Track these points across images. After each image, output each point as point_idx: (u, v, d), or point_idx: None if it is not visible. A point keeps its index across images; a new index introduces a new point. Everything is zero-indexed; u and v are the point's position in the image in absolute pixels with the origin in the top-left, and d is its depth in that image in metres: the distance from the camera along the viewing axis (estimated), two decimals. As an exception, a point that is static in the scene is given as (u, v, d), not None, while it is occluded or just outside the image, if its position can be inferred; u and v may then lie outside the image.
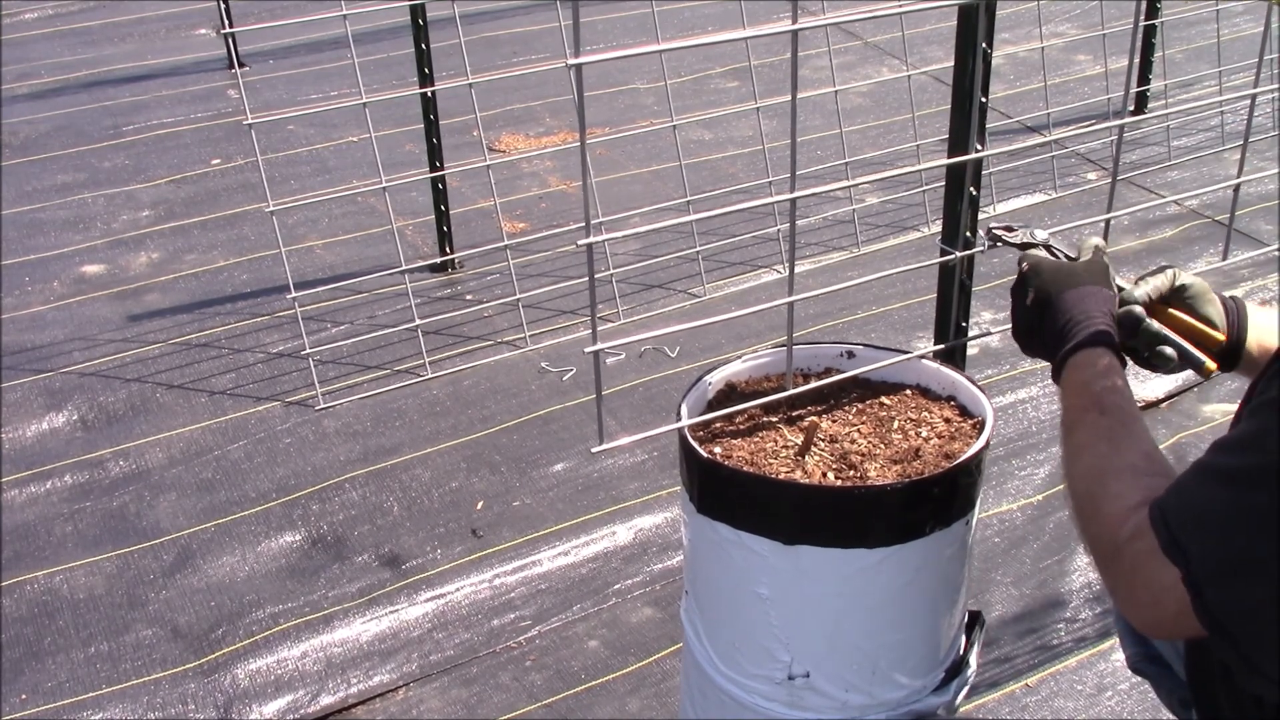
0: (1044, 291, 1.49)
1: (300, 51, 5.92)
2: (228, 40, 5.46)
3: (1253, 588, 1.05)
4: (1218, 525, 1.08)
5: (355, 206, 4.48)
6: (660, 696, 2.46)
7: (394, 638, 2.62)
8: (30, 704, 2.45)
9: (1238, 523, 1.06)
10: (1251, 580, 1.05)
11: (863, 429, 1.60)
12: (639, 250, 4.10)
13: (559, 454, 3.16)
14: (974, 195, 2.09)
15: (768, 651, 1.52)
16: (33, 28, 6.52)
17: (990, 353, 3.53)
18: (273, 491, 3.04)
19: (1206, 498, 1.10)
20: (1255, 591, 1.05)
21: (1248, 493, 1.06)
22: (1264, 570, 1.04)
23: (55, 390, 3.44)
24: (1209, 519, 1.09)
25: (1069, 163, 4.74)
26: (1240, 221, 4.17)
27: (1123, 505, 1.19)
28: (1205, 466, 1.12)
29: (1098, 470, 1.27)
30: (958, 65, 1.98)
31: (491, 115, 5.07)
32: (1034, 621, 2.62)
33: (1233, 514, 1.07)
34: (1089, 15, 5.97)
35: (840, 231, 4.25)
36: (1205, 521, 1.09)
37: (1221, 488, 1.09)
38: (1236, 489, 1.07)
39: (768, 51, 5.56)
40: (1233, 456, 1.10)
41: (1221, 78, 5.04)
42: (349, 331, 3.70)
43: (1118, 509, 1.20)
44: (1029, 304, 1.51)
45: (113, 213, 4.49)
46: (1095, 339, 1.40)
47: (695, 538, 1.58)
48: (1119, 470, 1.25)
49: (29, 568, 2.81)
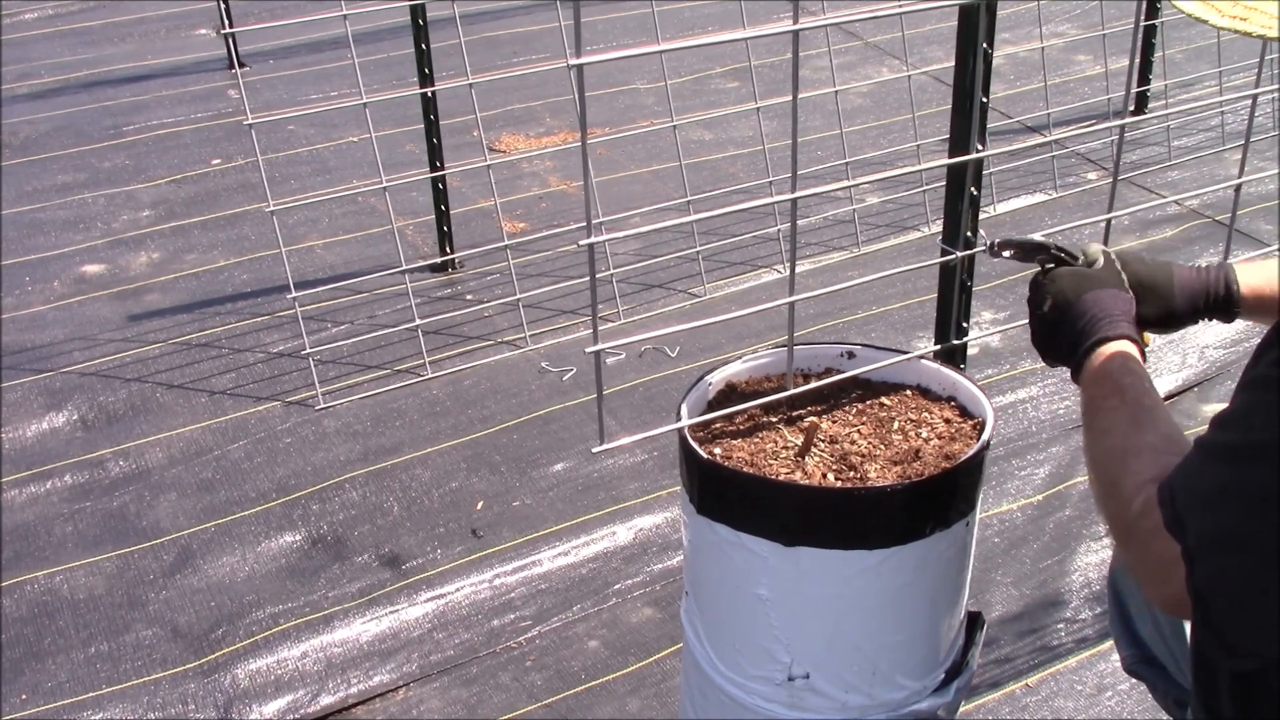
0: (1063, 296, 1.51)
1: (300, 51, 5.92)
2: (228, 40, 5.46)
3: (1236, 562, 1.07)
4: (1211, 501, 1.10)
5: (355, 206, 4.48)
6: (660, 697, 2.46)
7: (394, 638, 2.62)
8: (30, 704, 2.45)
9: (1228, 499, 1.08)
10: (1235, 555, 1.07)
11: (863, 430, 1.60)
12: (639, 250, 4.10)
13: (559, 454, 3.16)
14: (974, 195, 2.09)
15: (768, 652, 1.52)
16: (33, 28, 6.52)
17: (990, 353, 3.53)
18: (273, 491, 3.04)
19: (1203, 475, 1.13)
20: (1237, 566, 1.07)
21: (1237, 469, 1.08)
22: (1247, 545, 1.06)
23: (55, 390, 3.44)
24: (1205, 496, 1.11)
25: (1069, 163, 4.74)
26: (1241, 221, 4.17)
27: (1138, 481, 1.22)
28: (1204, 444, 1.15)
29: (1119, 450, 1.30)
30: (958, 65, 1.98)
31: (492, 115, 5.07)
32: (1034, 621, 2.62)
33: (1223, 490, 1.09)
34: (1089, 15, 5.97)
35: (840, 231, 4.25)
36: (1203, 498, 1.11)
37: (1215, 464, 1.12)
38: (1228, 465, 1.10)
39: (768, 52, 5.56)
40: (1225, 433, 1.12)
41: (1222, 78, 5.04)
42: (349, 331, 3.70)
43: (1133, 485, 1.23)
44: (1047, 310, 1.53)
45: (113, 213, 4.49)
46: (1116, 334, 1.44)
47: (695, 538, 1.58)
48: (1138, 449, 1.28)
49: (29, 568, 2.81)
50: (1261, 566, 1.05)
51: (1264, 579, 1.05)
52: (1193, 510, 1.11)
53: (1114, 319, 1.46)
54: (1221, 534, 1.08)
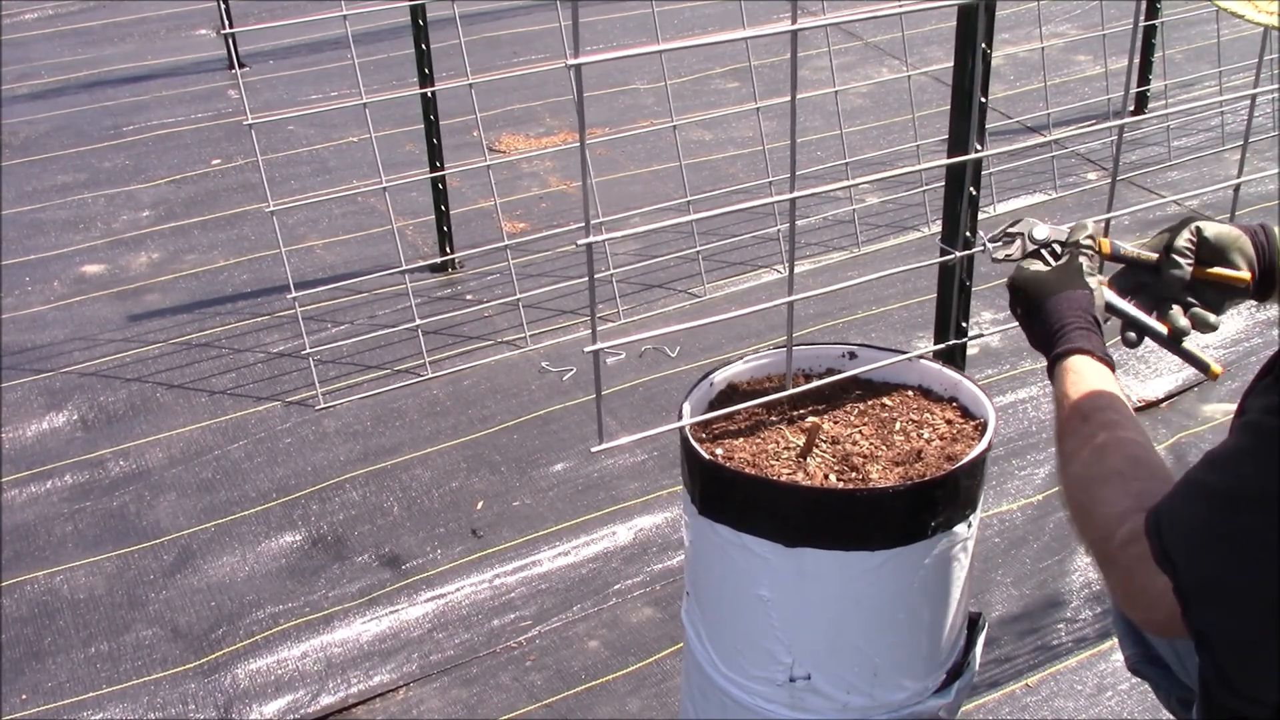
0: (1028, 303, 1.53)
1: (300, 52, 5.92)
2: (228, 40, 5.46)
3: (1232, 611, 1.07)
4: (1200, 544, 1.09)
5: (355, 206, 4.48)
6: (660, 697, 2.46)
7: (394, 638, 2.62)
8: (30, 704, 2.45)
9: (1219, 543, 1.08)
10: (1231, 604, 1.07)
11: (865, 430, 1.60)
12: (639, 250, 4.10)
13: (559, 454, 3.16)
14: (974, 195, 2.09)
15: (769, 653, 1.52)
16: (33, 28, 6.52)
17: (990, 353, 3.53)
18: (273, 491, 3.04)
19: (1192, 514, 1.11)
20: (1235, 615, 1.07)
21: (1227, 515, 1.07)
22: (1244, 595, 1.05)
23: (55, 390, 3.44)
24: (1193, 536, 1.10)
25: (1069, 163, 4.74)
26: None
27: (1113, 511, 1.22)
28: (1194, 481, 1.13)
29: (1085, 478, 1.30)
30: (958, 65, 1.98)
31: (491, 115, 5.07)
32: (1034, 621, 2.62)
33: (1214, 534, 1.08)
34: (1089, 15, 5.97)
35: (840, 231, 4.25)
36: (1190, 538, 1.10)
37: (1205, 506, 1.10)
38: (1217, 509, 1.08)
39: (768, 52, 5.56)
40: (1215, 474, 1.11)
41: (1221, 78, 5.04)
42: (349, 331, 3.70)
43: (1108, 514, 1.23)
44: (1020, 315, 1.56)
45: (113, 213, 4.49)
46: (1072, 347, 1.43)
47: (697, 539, 1.58)
48: (1105, 475, 1.28)
49: (29, 568, 2.81)
50: (1260, 617, 1.04)
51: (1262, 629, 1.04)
52: (1180, 548, 1.11)
53: (1067, 330, 1.45)
54: (1216, 580, 1.08)
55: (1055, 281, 1.52)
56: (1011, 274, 1.57)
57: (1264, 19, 1.17)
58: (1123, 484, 1.24)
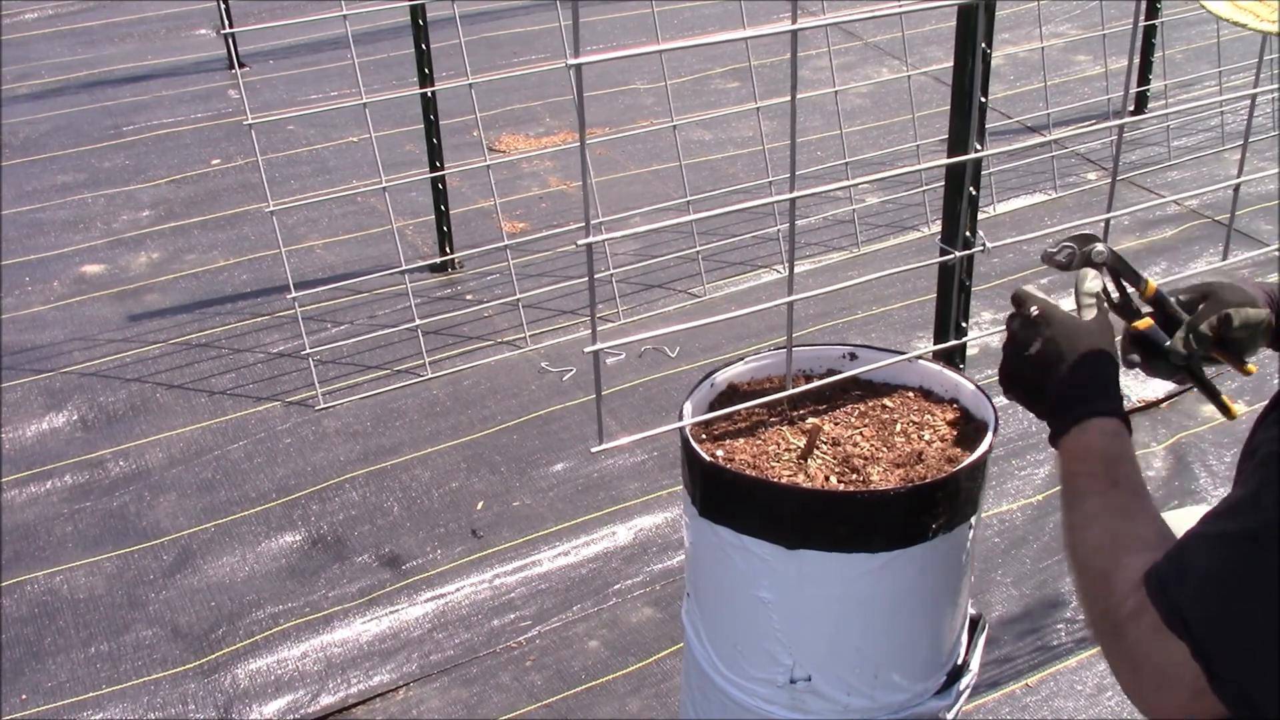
0: (1054, 346, 1.40)
1: (300, 51, 5.92)
2: (228, 40, 5.46)
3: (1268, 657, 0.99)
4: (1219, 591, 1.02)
5: (355, 206, 4.48)
6: (660, 697, 2.46)
7: (394, 638, 2.62)
8: (30, 704, 2.45)
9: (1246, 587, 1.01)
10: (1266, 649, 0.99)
11: (865, 432, 1.60)
12: (639, 250, 4.10)
13: (559, 454, 3.16)
14: (974, 195, 2.09)
15: (769, 654, 1.52)
16: (33, 28, 6.51)
17: (990, 353, 3.53)
18: (273, 491, 3.04)
19: (1203, 564, 1.05)
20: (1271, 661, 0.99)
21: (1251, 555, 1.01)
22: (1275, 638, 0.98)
23: (55, 390, 3.44)
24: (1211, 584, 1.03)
25: (1069, 163, 4.74)
26: (1240, 221, 4.17)
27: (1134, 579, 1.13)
28: (1199, 535, 1.07)
29: (1108, 542, 1.21)
30: (957, 65, 1.98)
31: (491, 115, 5.07)
32: (1034, 621, 2.63)
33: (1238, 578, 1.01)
34: (1089, 15, 5.97)
35: (840, 231, 4.25)
36: (1207, 586, 1.03)
37: (1220, 554, 1.04)
38: (1238, 553, 1.02)
39: (768, 52, 5.56)
40: (1230, 521, 1.05)
41: (1221, 78, 5.04)
42: (349, 331, 3.70)
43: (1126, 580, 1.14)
44: (1033, 354, 1.42)
45: (113, 213, 4.49)
46: (1111, 410, 1.34)
47: (697, 540, 1.58)
48: (1130, 543, 1.19)
49: (29, 568, 2.81)
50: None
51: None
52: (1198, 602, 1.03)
53: (1108, 392, 1.36)
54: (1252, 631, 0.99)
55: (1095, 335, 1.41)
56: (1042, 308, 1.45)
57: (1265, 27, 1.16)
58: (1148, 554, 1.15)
